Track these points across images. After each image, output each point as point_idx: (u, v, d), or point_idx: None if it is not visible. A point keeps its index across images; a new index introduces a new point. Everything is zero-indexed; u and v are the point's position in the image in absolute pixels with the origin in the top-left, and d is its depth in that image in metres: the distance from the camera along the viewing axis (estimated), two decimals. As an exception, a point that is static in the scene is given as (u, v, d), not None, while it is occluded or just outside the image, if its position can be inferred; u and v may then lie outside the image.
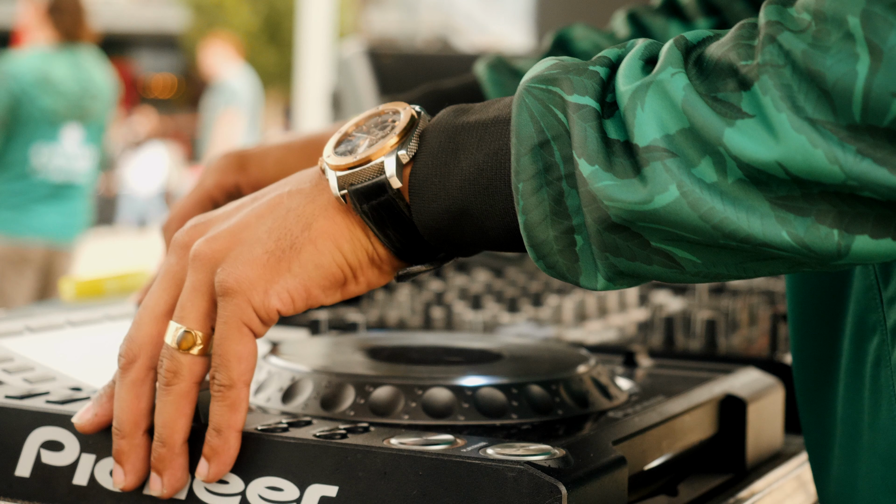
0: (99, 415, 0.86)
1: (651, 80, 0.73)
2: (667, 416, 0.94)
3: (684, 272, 0.76)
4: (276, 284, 0.82)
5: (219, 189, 1.17)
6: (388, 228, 0.83)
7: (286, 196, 0.85)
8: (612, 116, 0.75)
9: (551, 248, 0.77)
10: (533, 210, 0.76)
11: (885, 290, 0.88)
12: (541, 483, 0.76)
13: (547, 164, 0.76)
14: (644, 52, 0.76)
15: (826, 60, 0.68)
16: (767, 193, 0.70)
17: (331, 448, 0.81)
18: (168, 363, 0.83)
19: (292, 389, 0.92)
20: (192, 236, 0.86)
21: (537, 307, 1.40)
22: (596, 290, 0.79)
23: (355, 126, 0.87)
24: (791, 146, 0.68)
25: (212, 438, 0.83)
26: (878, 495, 0.88)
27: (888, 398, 0.87)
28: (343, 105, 2.25)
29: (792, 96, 0.68)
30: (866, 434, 0.89)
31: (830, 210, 0.70)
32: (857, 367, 0.91)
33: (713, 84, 0.71)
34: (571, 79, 0.76)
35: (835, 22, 0.68)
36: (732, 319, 1.33)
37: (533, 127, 0.76)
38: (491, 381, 0.91)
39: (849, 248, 0.71)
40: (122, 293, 1.43)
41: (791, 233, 0.70)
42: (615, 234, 0.74)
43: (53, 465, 0.88)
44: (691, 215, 0.71)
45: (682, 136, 0.71)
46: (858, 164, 0.68)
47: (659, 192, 0.72)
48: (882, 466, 0.88)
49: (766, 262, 0.74)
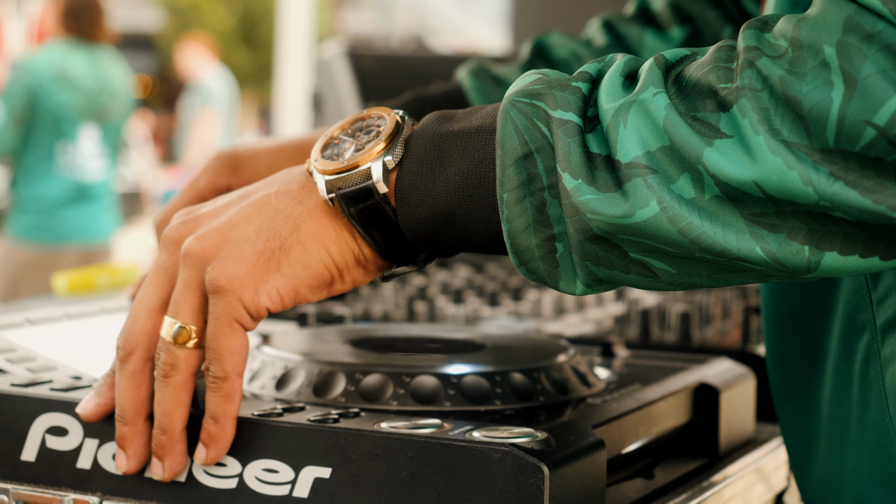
0: (101, 404, 0.90)
1: (634, 99, 0.77)
2: (643, 402, 0.98)
3: (660, 281, 0.80)
4: (265, 283, 0.86)
5: (210, 190, 1.20)
6: (374, 231, 0.87)
7: (274, 196, 0.89)
8: (593, 131, 0.78)
9: (533, 255, 0.81)
10: (516, 219, 0.80)
11: (874, 290, 0.92)
12: (524, 463, 0.80)
13: (530, 176, 0.80)
14: (623, 68, 0.80)
15: (802, 87, 0.72)
16: (742, 210, 0.74)
17: (324, 432, 0.85)
18: (165, 357, 0.87)
19: (285, 377, 0.96)
20: (182, 233, 0.90)
21: (517, 301, 1.44)
22: (574, 294, 0.83)
23: (340, 130, 0.91)
24: (767, 167, 0.72)
25: (209, 426, 0.87)
26: (866, 486, 0.92)
27: (877, 393, 0.91)
28: (324, 106, 2.29)
29: (769, 119, 0.72)
30: (854, 429, 0.93)
31: (802, 227, 0.74)
32: (846, 364, 0.95)
33: (692, 104, 0.75)
34: (555, 94, 0.80)
35: (811, 50, 0.72)
36: (706, 313, 1.38)
37: (517, 139, 0.80)
38: (475, 368, 0.95)
39: (818, 263, 0.75)
40: (113, 288, 1.47)
41: (764, 248, 0.75)
42: (596, 244, 0.79)
43: (58, 450, 0.92)
44: (670, 230, 0.75)
45: (663, 153, 0.75)
46: (831, 186, 0.72)
47: (640, 206, 0.76)
48: (871, 458, 0.92)
49: (738, 274, 0.78)
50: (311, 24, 7.82)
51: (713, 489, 1.00)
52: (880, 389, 0.91)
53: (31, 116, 4.76)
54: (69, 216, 4.87)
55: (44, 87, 4.77)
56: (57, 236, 4.85)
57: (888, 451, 0.91)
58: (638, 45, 1.34)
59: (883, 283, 0.92)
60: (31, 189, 4.82)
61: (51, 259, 4.82)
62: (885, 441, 0.91)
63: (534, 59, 1.35)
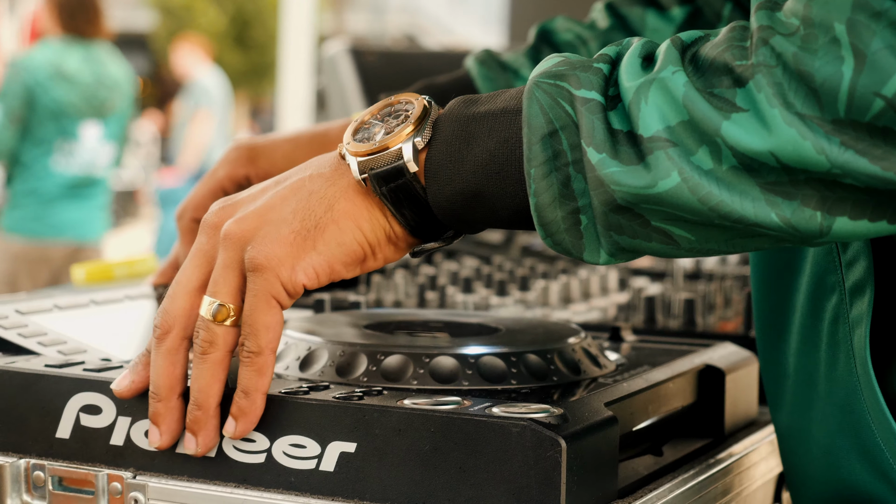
0: (136, 381, 0.94)
1: (654, 78, 0.82)
2: (652, 382, 1.02)
3: (679, 248, 0.85)
4: (302, 261, 0.90)
5: (230, 180, 1.25)
6: (405, 209, 0.91)
7: (308, 180, 0.93)
8: (615, 109, 0.83)
9: (559, 227, 0.86)
10: (543, 193, 0.85)
11: (843, 254, 0.98)
12: (542, 437, 0.84)
13: (556, 152, 0.84)
14: (641, 50, 0.85)
15: (814, 62, 0.76)
16: (758, 179, 0.79)
17: (350, 408, 0.89)
18: (204, 334, 0.91)
19: (309, 358, 1.00)
20: (221, 217, 0.94)
21: (524, 291, 1.48)
22: (598, 264, 0.87)
23: (370, 115, 0.95)
24: (783, 138, 0.77)
25: (240, 400, 0.91)
26: (833, 438, 0.98)
27: (846, 352, 0.97)
28: (328, 102, 2.33)
29: (783, 93, 0.77)
30: (822, 383, 0.99)
31: (814, 195, 0.79)
32: (814, 322, 1.00)
33: (709, 81, 0.80)
34: (578, 75, 0.85)
35: (822, 27, 0.76)
36: (708, 301, 1.42)
37: (543, 118, 0.85)
38: (492, 350, 0.99)
39: (830, 227, 0.80)
40: (131, 278, 1.51)
41: (779, 214, 0.79)
42: (619, 214, 0.83)
43: (92, 428, 0.96)
44: (691, 198, 0.80)
45: (682, 127, 0.80)
46: (842, 155, 0.77)
47: (662, 177, 0.80)
48: (839, 413, 0.97)
49: (754, 239, 0.83)
50: (313, 24, 7.88)
51: (719, 466, 1.04)
52: (848, 349, 0.97)
53: (29, 115, 4.79)
54: (62, 211, 4.90)
55: (41, 84, 4.79)
56: (48, 229, 4.88)
57: (854, 408, 0.96)
58: (640, 26, 1.39)
59: (852, 247, 0.97)
60: (28, 185, 4.85)
61: (40, 252, 4.85)
62: (851, 398, 0.96)
63: (539, 44, 1.39)
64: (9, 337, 1.07)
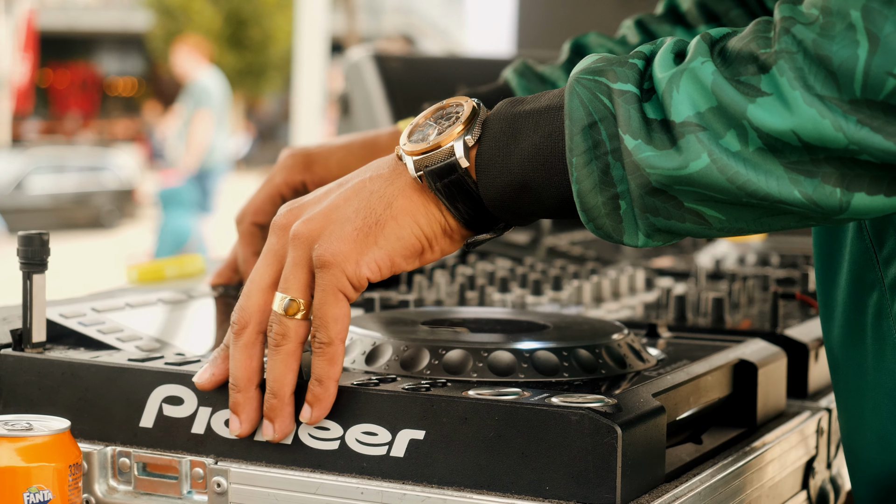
0: (216, 374, 1.01)
1: (685, 68, 0.89)
2: (693, 375, 1.09)
3: (711, 228, 0.92)
4: (365, 256, 0.98)
5: (287, 185, 1.32)
6: (459, 202, 0.98)
7: (368, 181, 1.01)
8: (650, 100, 0.91)
9: (600, 212, 0.93)
10: (585, 180, 0.92)
11: (880, 252, 1.05)
12: (600, 425, 0.91)
13: (595, 142, 0.92)
14: (674, 46, 0.93)
15: (832, 47, 0.84)
16: (782, 159, 0.87)
17: (418, 398, 0.96)
18: (277, 328, 0.98)
19: (375, 353, 1.07)
20: (289, 219, 1.01)
21: (557, 290, 1.55)
22: (637, 246, 0.95)
23: (424, 118, 1.03)
24: (803, 117, 0.85)
25: (314, 388, 0.98)
26: (885, 424, 1.05)
27: (892, 344, 1.05)
28: (352, 108, 2.39)
29: (804, 77, 0.85)
30: (871, 374, 1.07)
31: (833, 172, 0.86)
32: (858, 317, 1.08)
33: (736, 69, 0.88)
34: (615, 70, 0.92)
35: (839, 15, 0.84)
36: (734, 300, 1.50)
37: (583, 111, 0.92)
38: (545, 345, 1.06)
39: (849, 203, 0.87)
40: (181, 278, 1.57)
41: (802, 191, 0.87)
42: (655, 197, 0.91)
43: (174, 417, 1.03)
44: (720, 178, 0.88)
45: (711, 112, 0.88)
46: (858, 132, 0.84)
47: (693, 159, 0.88)
48: (889, 401, 1.05)
49: (780, 217, 0.90)
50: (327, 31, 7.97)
51: (755, 454, 1.11)
52: (894, 342, 1.05)
53: None
54: None
55: None
56: None
57: None
58: None
59: (888, 245, 1.05)
60: None
61: None
62: None
63: (573, 58, 1.47)
64: (90, 333, 1.15)
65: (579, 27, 3.61)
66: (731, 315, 1.45)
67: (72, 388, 1.07)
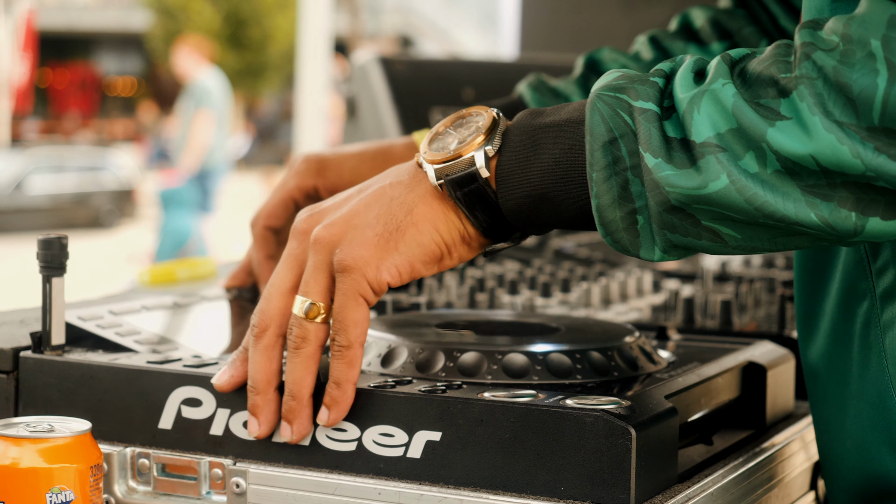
0: (234, 376, 1.03)
1: (706, 89, 0.91)
2: (703, 377, 1.11)
3: (727, 246, 0.94)
4: (385, 261, 0.99)
5: (299, 190, 1.33)
6: (478, 211, 1.00)
7: (388, 187, 1.02)
8: (670, 118, 0.92)
9: (618, 227, 0.94)
10: (604, 195, 0.94)
11: (874, 262, 1.06)
12: (614, 426, 0.93)
13: (615, 158, 0.93)
14: (693, 65, 0.94)
15: (852, 74, 0.85)
16: (799, 182, 0.88)
17: (435, 400, 0.98)
18: (297, 330, 1.00)
19: (390, 355, 1.08)
20: (310, 224, 1.02)
21: (566, 293, 1.56)
22: (653, 260, 0.96)
23: (444, 126, 1.04)
24: (822, 143, 0.86)
25: (332, 390, 0.99)
26: (866, 433, 1.07)
27: (878, 354, 1.06)
28: (359, 111, 2.41)
29: (823, 103, 0.86)
30: (855, 382, 1.08)
31: (850, 196, 0.88)
32: (846, 326, 1.09)
33: (756, 92, 0.89)
34: (636, 87, 0.94)
35: (860, 43, 0.86)
36: (741, 302, 1.51)
37: (604, 127, 0.93)
38: (558, 347, 1.08)
39: (864, 227, 0.89)
40: (193, 281, 1.59)
41: (818, 214, 0.88)
42: (673, 214, 0.92)
43: (193, 419, 1.04)
44: (738, 199, 0.89)
45: (731, 134, 0.89)
46: (876, 159, 0.86)
47: (712, 179, 0.89)
48: (871, 410, 1.06)
49: (795, 238, 0.92)
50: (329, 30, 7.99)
51: (764, 455, 1.13)
52: (880, 351, 1.06)
53: None
54: None
55: None
56: None
57: (887, 405, 1.05)
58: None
59: (882, 256, 1.06)
60: None
61: None
62: (884, 395, 1.05)
63: (587, 73, 1.48)
64: (107, 336, 1.16)
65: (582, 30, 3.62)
66: (738, 317, 1.46)
67: (91, 389, 1.09)
